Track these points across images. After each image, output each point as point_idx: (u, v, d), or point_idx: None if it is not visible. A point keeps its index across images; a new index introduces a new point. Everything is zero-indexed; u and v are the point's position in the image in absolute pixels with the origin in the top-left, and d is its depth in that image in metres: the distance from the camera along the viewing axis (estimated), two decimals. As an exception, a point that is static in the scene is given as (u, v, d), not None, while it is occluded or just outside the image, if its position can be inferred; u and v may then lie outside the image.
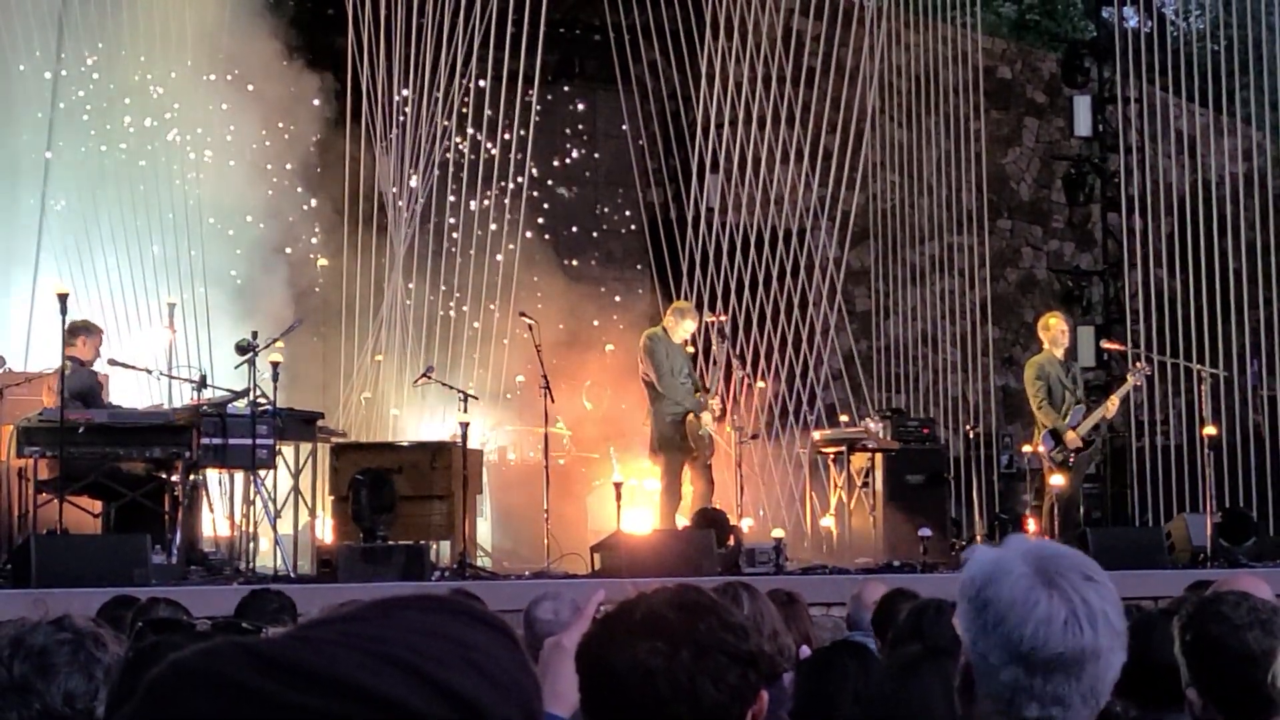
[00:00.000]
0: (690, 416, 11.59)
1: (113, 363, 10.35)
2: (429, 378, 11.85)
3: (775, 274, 15.18)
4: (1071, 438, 11.90)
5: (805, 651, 4.16)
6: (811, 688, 3.11)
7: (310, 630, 0.96)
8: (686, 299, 14.03)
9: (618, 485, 10.41)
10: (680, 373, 11.76)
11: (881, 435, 12.33)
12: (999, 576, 2.04)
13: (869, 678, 3.05)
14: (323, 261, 13.66)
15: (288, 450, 10.31)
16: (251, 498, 9.80)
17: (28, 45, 12.44)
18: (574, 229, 16.20)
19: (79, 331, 9.97)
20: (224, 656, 0.91)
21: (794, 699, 3.18)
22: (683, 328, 11.89)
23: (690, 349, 12.36)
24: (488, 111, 14.30)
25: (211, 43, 12.92)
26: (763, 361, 14.71)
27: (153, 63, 12.79)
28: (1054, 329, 12.23)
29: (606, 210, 16.39)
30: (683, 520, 11.36)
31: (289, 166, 13.58)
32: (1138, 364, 12.82)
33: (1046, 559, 2.05)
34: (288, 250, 13.47)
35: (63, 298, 9.24)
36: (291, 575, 9.53)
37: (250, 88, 13.16)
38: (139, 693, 0.91)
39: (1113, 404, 12.28)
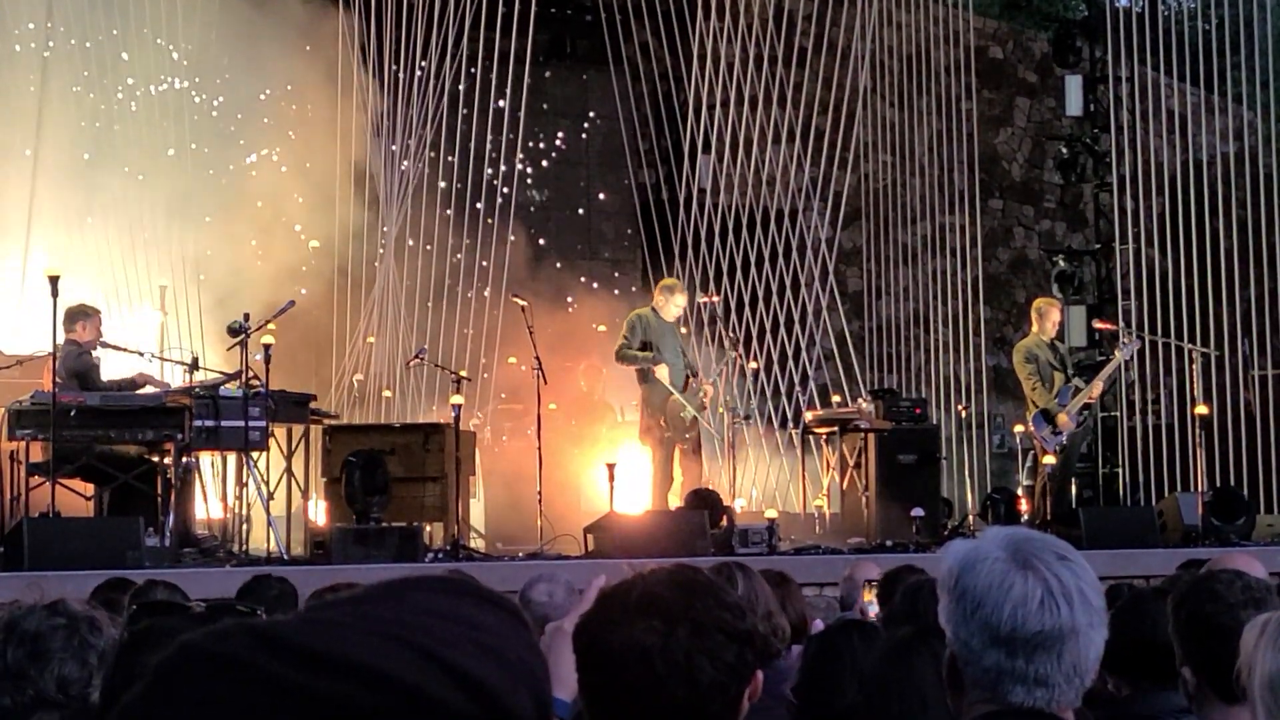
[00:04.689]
0: (672, 397, 11.55)
1: (104, 345, 10.32)
2: (421, 359, 11.83)
3: (767, 255, 15.18)
4: (1063, 420, 11.92)
5: (818, 625, 4.17)
6: (816, 666, 3.12)
7: (320, 612, 0.95)
8: (678, 279, 14.01)
9: (610, 466, 10.40)
10: (670, 351, 11.71)
11: (873, 415, 12.33)
12: (974, 564, 2.06)
13: (873, 656, 3.07)
14: (314, 243, 13.63)
15: (280, 432, 10.30)
16: (244, 480, 9.80)
17: (16, 20, 12.38)
18: (565, 210, 16.18)
19: (78, 316, 9.94)
20: (234, 639, 0.91)
21: (798, 675, 3.19)
22: (674, 304, 11.81)
23: (684, 330, 12.34)
24: (479, 91, 14.27)
25: (202, 20, 12.89)
26: (754, 342, 14.70)
27: (144, 42, 12.74)
28: (1050, 316, 12.24)
29: (598, 191, 16.37)
30: (676, 502, 11.36)
31: (279, 147, 13.54)
32: (1125, 338, 12.84)
33: (1020, 542, 2.07)
34: (279, 231, 13.42)
35: (54, 280, 9.21)
36: (285, 557, 9.53)
37: (243, 69, 13.12)
38: (147, 676, 0.91)
39: (1096, 388, 12.30)
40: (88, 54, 12.61)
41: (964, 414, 14.50)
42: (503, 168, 14.35)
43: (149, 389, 10.01)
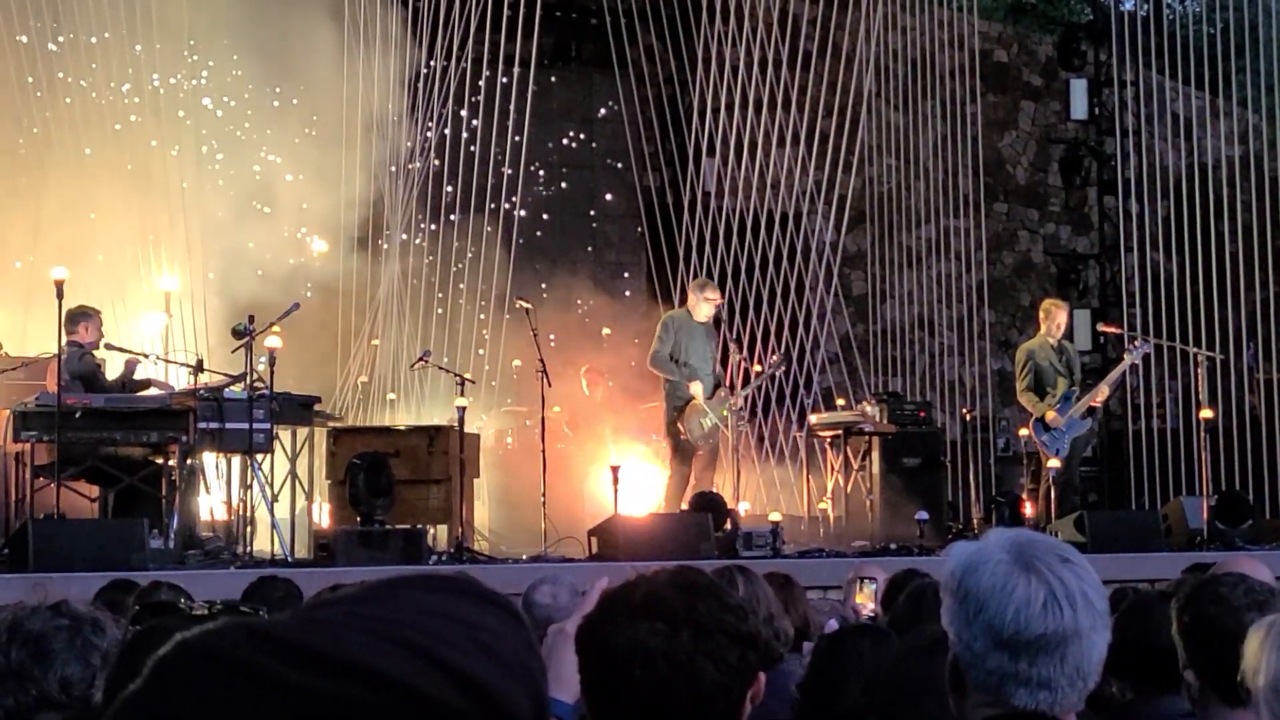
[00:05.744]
0: (693, 402, 11.49)
1: (109, 347, 10.34)
2: (426, 362, 11.84)
3: (772, 258, 15.18)
4: (1052, 417, 11.89)
5: (832, 625, 4.17)
6: (823, 666, 3.12)
7: (317, 611, 0.96)
8: (683, 283, 14.00)
9: (615, 469, 10.40)
10: (698, 355, 11.61)
11: (878, 419, 12.32)
12: (977, 566, 2.06)
13: (882, 660, 3.06)
14: (320, 245, 13.63)
15: (284, 434, 10.30)
16: (249, 482, 9.80)
17: (21, 14, 12.38)
18: (570, 213, 16.18)
19: (78, 318, 9.96)
20: (231, 637, 0.91)
21: (806, 673, 3.19)
22: (705, 303, 11.72)
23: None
24: (484, 94, 14.27)
25: (208, 23, 12.90)
26: (759, 345, 14.70)
27: (152, 39, 12.74)
28: (1054, 317, 12.20)
29: (603, 194, 16.37)
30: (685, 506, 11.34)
31: (286, 149, 13.53)
32: (1134, 341, 12.81)
33: (1022, 545, 2.07)
34: (285, 234, 13.42)
35: (59, 283, 9.22)
36: (289, 559, 9.54)
37: (252, 70, 13.13)
38: (145, 672, 0.91)
39: (1102, 392, 12.27)
40: (93, 50, 12.60)
41: (968, 417, 14.48)
42: (507, 171, 14.35)
43: (153, 391, 10.03)
